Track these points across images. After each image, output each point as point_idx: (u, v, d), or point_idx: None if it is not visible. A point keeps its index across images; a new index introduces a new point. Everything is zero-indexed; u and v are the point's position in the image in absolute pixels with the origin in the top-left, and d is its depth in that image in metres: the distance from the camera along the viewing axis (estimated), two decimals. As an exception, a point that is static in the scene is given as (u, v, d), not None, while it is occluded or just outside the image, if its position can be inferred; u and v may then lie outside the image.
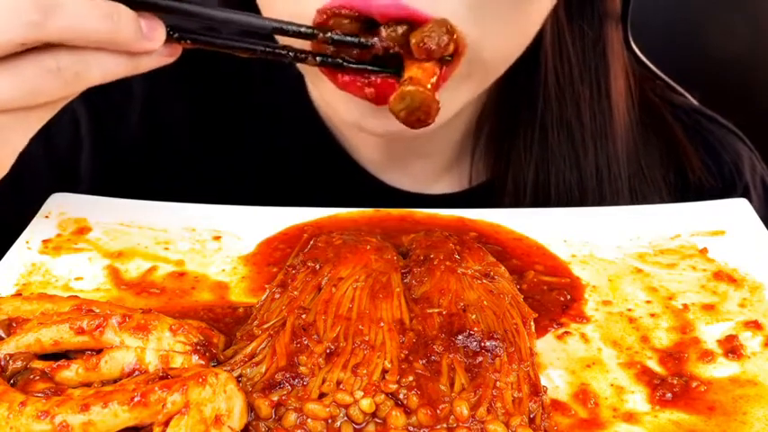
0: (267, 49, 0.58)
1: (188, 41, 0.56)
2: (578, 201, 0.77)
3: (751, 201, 0.80)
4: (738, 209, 0.68)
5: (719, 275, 0.62)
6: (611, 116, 0.76)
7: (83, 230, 0.65)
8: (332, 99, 0.67)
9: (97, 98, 0.80)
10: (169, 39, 0.55)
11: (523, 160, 0.76)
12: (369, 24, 0.60)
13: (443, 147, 0.80)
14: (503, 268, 0.59)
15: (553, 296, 0.59)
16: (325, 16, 0.59)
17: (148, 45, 0.53)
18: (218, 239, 0.65)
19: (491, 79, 0.68)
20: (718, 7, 1.04)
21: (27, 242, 0.63)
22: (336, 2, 0.59)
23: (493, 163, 0.79)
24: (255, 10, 0.67)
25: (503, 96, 0.72)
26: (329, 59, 0.60)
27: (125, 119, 0.81)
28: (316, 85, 0.70)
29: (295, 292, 0.54)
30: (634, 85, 0.79)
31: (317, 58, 0.60)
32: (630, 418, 0.50)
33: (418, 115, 0.57)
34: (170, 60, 0.56)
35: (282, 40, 0.61)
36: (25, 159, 0.75)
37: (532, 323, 0.55)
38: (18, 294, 0.56)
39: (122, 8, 0.51)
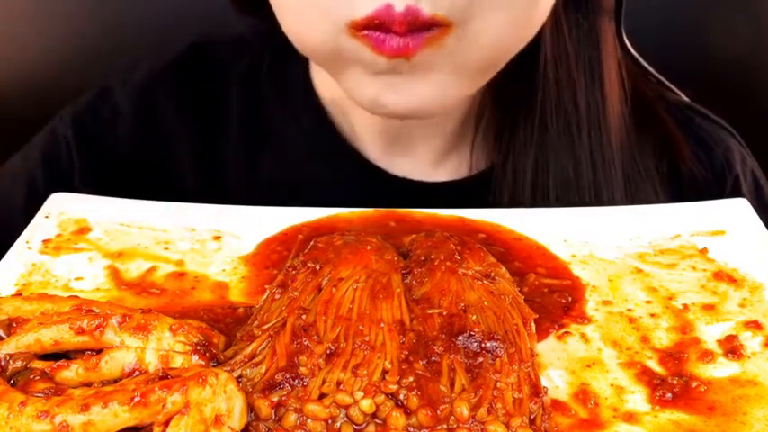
0: None
1: None
2: (575, 186, 0.77)
3: (741, 192, 0.80)
4: (738, 209, 0.68)
5: (719, 275, 0.62)
6: (605, 106, 0.77)
7: (83, 230, 0.65)
8: (355, 83, 0.67)
9: (85, 124, 0.81)
10: None
11: (523, 147, 0.77)
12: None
13: (444, 133, 0.81)
14: (503, 269, 0.58)
15: (554, 298, 0.59)
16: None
17: None
18: (218, 239, 0.65)
19: (493, 69, 0.69)
20: (720, 7, 1.04)
21: (27, 242, 0.63)
22: (362, 20, 0.60)
23: (493, 149, 0.79)
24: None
25: (502, 83, 0.72)
26: None
27: (116, 129, 0.82)
28: (340, 78, 0.69)
29: (295, 293, 0.54)
30: (627, 79, 0.80)
31: None
32: (630, 418, 0.50)
33: None
34: None
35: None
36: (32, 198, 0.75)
37: (533, 324, 0.55)
38: (18, 294, 0.56)
39: None
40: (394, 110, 0.67)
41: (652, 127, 0.82)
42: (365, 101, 0.68)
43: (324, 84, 0.81)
